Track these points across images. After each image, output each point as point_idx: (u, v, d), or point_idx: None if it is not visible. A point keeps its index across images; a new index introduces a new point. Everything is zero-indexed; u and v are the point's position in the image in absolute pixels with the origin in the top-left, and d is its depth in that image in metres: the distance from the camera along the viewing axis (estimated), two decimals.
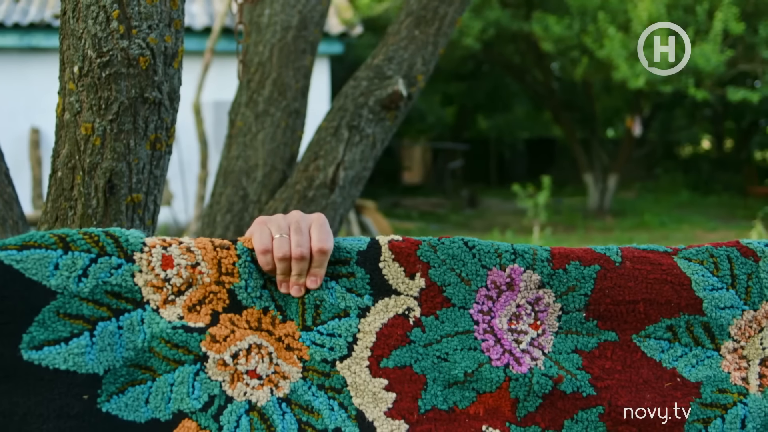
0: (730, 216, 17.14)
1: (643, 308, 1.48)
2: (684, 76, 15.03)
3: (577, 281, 1.48)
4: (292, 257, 1.40)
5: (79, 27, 1.79)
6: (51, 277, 1.34)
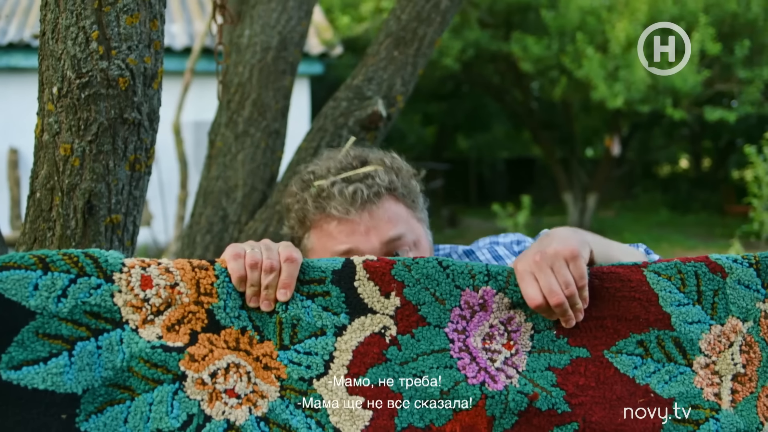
0: (708, 234, 17.24)
1: (610, 324, 1.49)
2: (661, 96, 15.16)
3: None
4: (262, 268, 1.43)
5: (59, 48, 1.79)
6: (30, 298, 1.34)
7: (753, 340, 1.52)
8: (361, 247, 1.69)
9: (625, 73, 14.89)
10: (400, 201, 1.77)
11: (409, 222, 1.77)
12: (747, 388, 1.50)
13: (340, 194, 1.71)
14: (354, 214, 1.70)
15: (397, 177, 1.77)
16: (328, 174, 1.76)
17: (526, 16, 17.55)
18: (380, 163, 1.78)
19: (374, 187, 1.72)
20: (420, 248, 1.76)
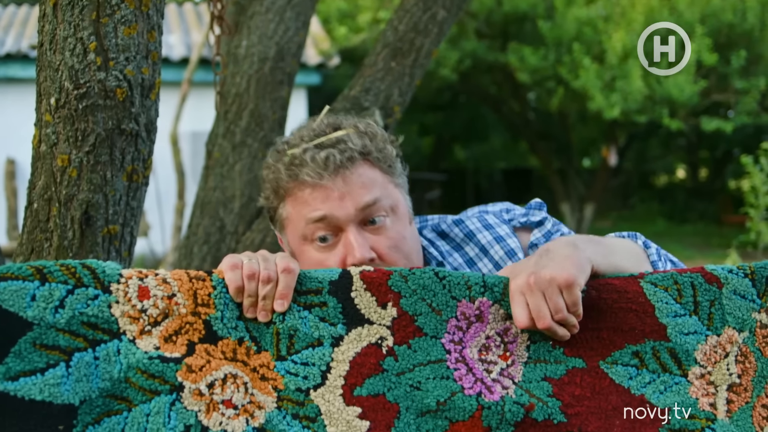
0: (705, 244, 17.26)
1: (606, 335, 1.50)
2: (658, 107, 15.19)
3: None
4: (259, 279, 1.43)
5: (56, 59, 1.80)
6: (28, 309, 1.34)
7: (748, 351, 1.52)
8: (335, 213, 1.66)
9: (622, 83, 14.92)
10: (375, 166, 1.72)
11: (386, 187, 1.73)
12: (742, 398, 1.51)
13: (312, 160, 1.66)
14: (327, 180, 1.66)
15: (371, 141, 1.73)
16: (301, 142, 1.71)
17: (522, 26, 17.59)
18: (353, 128, 1.73)
19: (347, 152, 1.68)
20: (397, 213, 1.73)
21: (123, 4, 1.79)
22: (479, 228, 1.84)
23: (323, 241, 1.68)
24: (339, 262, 1.65)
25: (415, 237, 1.78)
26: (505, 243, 1.80)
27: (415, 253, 1.75)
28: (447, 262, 1.83)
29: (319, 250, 1.68)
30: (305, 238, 1.70)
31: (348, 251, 1.65)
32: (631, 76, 14.74)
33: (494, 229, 1.83)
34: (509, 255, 1.79)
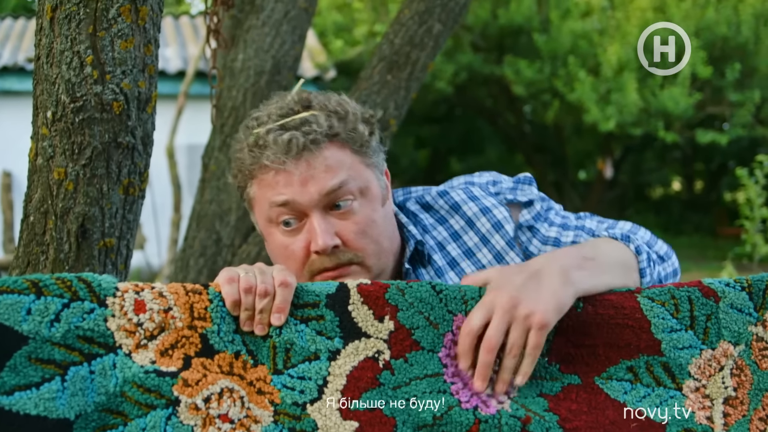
0: (701, 257, 17.27)
1: (602, 351, 1.50)
2: (653, 119, 15.23)
3: None
4: (256, 292, 1.43)
5: (53, 72, 1.80)
6: (23, 322, 1.34)
7: (744, 364, 1.52)
8: (298, 199, 1.60)
9: (617, 96, 14.97)
10: (344, 146, 1.65)
11: (355, 168, 1.65)
12: (739, 411, 1.50)
13: (274, 143, 1.61)
14: (290, 164, 1.60)
15: (339, 121, 1.65)
16: (268, 120, 1.66)
17: (518, 39, 17.65)
18: (322, 107, 1.65)
19: (311, 134, 1.60)
20: (367, 196, 1.66)
21: (120, 18, 1.79)
22: (465, 199, 1.78)
23: (287, 225, 1.64)
24: (303, 248, 1.62)
25: (389, 218, 1.72)
26: (491, 215, 1.76)
27: (387, 236, 1.69)
28: (431, 235, 1.78)
29: (284, 234, 1.65)
30: (270, 221, 1.66)
31: (312, 237, 1.61)
32: (627, 89, 14.79)
33: (480, 200, 1.78)
34: (496, 228, 1.75)
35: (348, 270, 1.63)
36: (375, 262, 1.66)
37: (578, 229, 1.76)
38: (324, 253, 1.61)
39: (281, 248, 1.65)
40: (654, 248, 1.70)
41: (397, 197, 1.84)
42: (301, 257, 1.63)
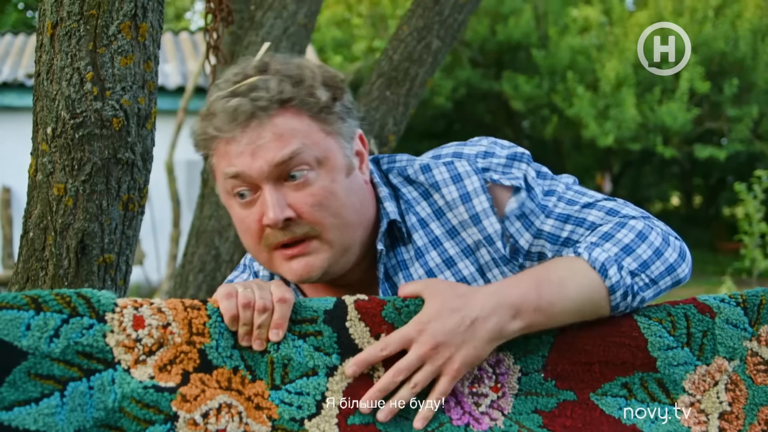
0: (700, 272, 17.25)
1: (598, 369, 1.50)
2: (651, 134, 15.27)
3: (535, 345, 1.50)
4: (255, 308, 1.42)
5: (53, 88, 1.81)
6: (22, 338, 1.34)
7: (739, 378, 1.53)
8: (247, 171, 1.50)
9: (616, 111, 15.02)
10: (300, 113, 1.52)
11: (311, 136, 1.52)
12: (734, 426, 1.51)
13: (222, 111, 1.50)
14: (237, 133, 1.49)
15: (294, 85, 1.52)
16: (225, 85, 1.54)
17: (516, 55, 17.73)
18: (276, 71, 1.53)
19: (259, 101, 1.48)
20: (326, 166, 1.53)
21: (120, 35, 1.80)
22: (446, 180, 1.63)
23: (242, 197, 1.53)
24: (256, 221, 1.52)
25: (355, 189, 1.58)
26: (470, 204, 1.61)
27: (351, 208, 1.55)
28: (412, 212, 1.64)
29: (240, 207, 1.55)
30: (227, 193, 1.57)
31: (264, 211, 1.51)
32: (625, 105, 14.83)
33: (462, 182, 1.62)
34: (473, 221, 1.60)
35: (309, 246, 1.52)
36: (336, 237, 1.53)
37: (578, 224, 1.59)
38: (275, 226, 1.50)
39: (238, 222, 1.56)
40: (650, 268, 1.53)
41: (382, 164, 1.72)
42: (255, 231, 1.54)
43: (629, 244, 1.52)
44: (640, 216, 1.60)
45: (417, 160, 1.68)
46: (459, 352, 1.42)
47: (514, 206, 1.60)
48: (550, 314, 1.47)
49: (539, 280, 1.48)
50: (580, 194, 1.63)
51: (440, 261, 1.61)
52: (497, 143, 1.67)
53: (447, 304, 1.45)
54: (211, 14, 3.54)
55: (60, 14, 1.79)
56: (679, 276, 1.56)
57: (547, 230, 1.60)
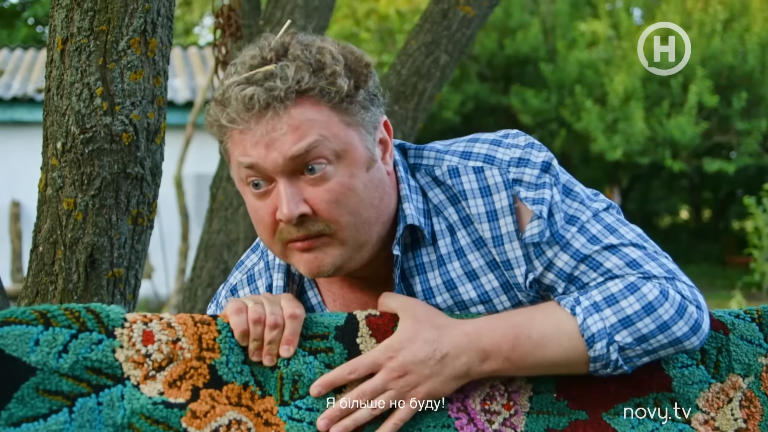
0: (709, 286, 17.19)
1: (613, 389, 1.48)
2: (660, 148, 15.25)
3: None
4: (266, 323, 1.42)
5: (63, 104, 1.81)
6: (31, 353, 1.34)
7: (753, 395, 1.52)
8: (261, 163, 1.42)
9: (624, 125, 15.01)
10: (319, 103, 1.43)
11: (331, 128, 1.43)
12: None
13: (236, 99, 1.41)
14: (252, 123, 1.41)
15: (314, 74, 1.42)
16: (239, 69, 1.45)
17: (524, 69, 17.74)
18: (296, 57, 1.43)
19: (275, 90, 1.39)
20: (345, 159, 1.44)
21: (129, 50, 1.81)
22: (474, 191, 1.52)
23: (257, 187, 1.45)
24: (270, 214, 1.45)
25: (375, 183, 1.48)
26: (495, 224, 1.51)
27: (370, 204, 1.47)
28: (442, 216, 1.55)
29: (254, 196, 1.47)
30: (242, 180, 1.49)
31: (278, 205, 1.43)
32: (633, 118, 14.83)
33: (491, 197, 1.51)
34: (495, 242, 1.51)
35: (317, 242, 1.45)
36: (351, 235, 1.45)
37: (593, 267, 1.48)
38: (290, 222, 1.42)
39: (252, 211, 1.49)
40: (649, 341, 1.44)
41: (409, 156, 1.62)
42: (269, 224, 1.46)
43: (630, 316, 1.43)
44: (664, 275, 1.47)
45: (446, 159, 1.56)
46: (425, 383, 1.42)
47: (528, 234, 1.49)
48: (521, 366, 1.45)
49: (518, 333, 1.44)
50: (608, 230, 1.51)
51: (462, 273, 1.54)
52: (533, 146, 1.56)
53: (421, 334, 1.43)
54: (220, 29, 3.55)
55: (70, 30, 1.80)
56: (686, 347, 1.46)
57: (559, 265, 1.50)
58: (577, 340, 1.43)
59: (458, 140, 1.60)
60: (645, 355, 1.45)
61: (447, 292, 1.54)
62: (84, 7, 1.78)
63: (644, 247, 1.49)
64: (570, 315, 1.45)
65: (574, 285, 1.50)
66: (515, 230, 1.50)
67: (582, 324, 1.43)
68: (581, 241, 1.49)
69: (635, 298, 1.43)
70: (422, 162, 1.59)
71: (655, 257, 1.49)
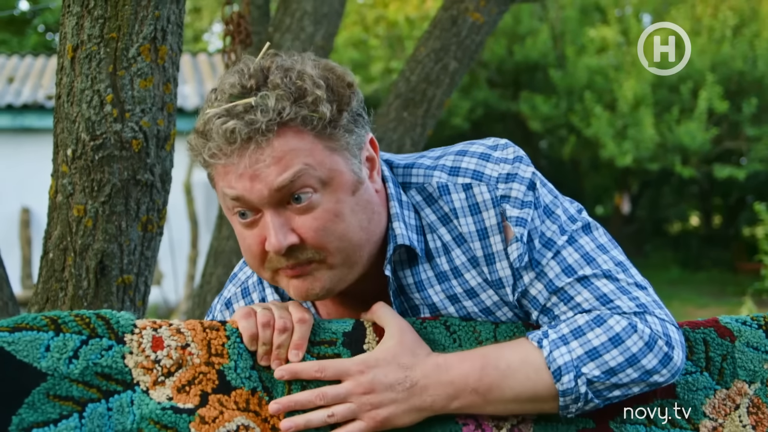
0: (720, 292, 17.15)
1: None
2: (670, 154, 15.22)
3: None
4: (275, 327, 1.42)
5: (74, 111, 1.82)
6: (42, 359, 1.35)
7: (761, 402, 1.51)
8: (247, 196, 1.41)
9: (634, 131, 14.98)
10: (302, 132, 1.41)
11: (315, 155, 1.41)
12: None
13: (216, 133, 1.39)
14: (235, 157, 1.39)
15: (295, 103, 1.40)
16: (219, 98, 1.43)
17: (534, 75, 17.74)
18: (276, 85, 1.40)
19: (256, 123, 1.37)
20: (332, 185, 1.43)
21: (139, 57, 1.82)
22: (464, 209, 1.52)
23: (243, 217, 1.44)
24: (258, 244, 1.44)
25: (363, 206, 1.48)
26: (486, 243, 1.50)
27: (358, 226, 1.46)
28: (437, 234, 1.53)
29: (241, 226, 1.46)
30: (228, 209, 1.47)
31: (266, 235, 1.43)
32: (643, 124, 14.80)
33: (480, 215, 1.50)
34: (487, 260, 1.51)
35: (308, 268, 1.45)
36: (341, 259, 1.45)
37: (564, 301, 1.47)
38: (278, 253, 1.42)
39: (240, 239, 1.48)
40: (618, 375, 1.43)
41: (397, 173, 1.59)
42: (258, 253, 1.46)
43: (597, 348, 1.42)
44: (633, 309, 1.45)
45: (434, 176, 1.55)
46: (386, 407, 1.41)
47: (513, 256, 1.49)
48: (488, 399, 1.43)
49: (485, 363, 1.44)
50: (585, 260, 1.49)
51: (462, 291, 1.54)
52: (522, 160, 1.55)
53: (399, 358, 1.43)
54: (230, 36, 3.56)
55: (81, 37, 1.81)
56: (658, 381, 1.44)
57: (533, 294, 1.49)
58: (543, 372, 1.42)
59: (447, 152, 1.59)
60: (615, 389, 1.43)
61: (452, 306, 1.54)
62: (94, 14, 1.79)
63: (617, 279, 1.48)
64: (537, 348, 1.44)
65: (546, 316, 1.50)
66: (504, 249, 1.49)
67: (548, 357, 1.43)
68: (556, 271, 1.48)
69: (602, 330, 1.43)
70: (411, 180, 1.58)
71: (627, 291, 1.47)
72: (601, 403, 1.44)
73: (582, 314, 1.46)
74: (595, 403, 1.43)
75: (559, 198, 1.56)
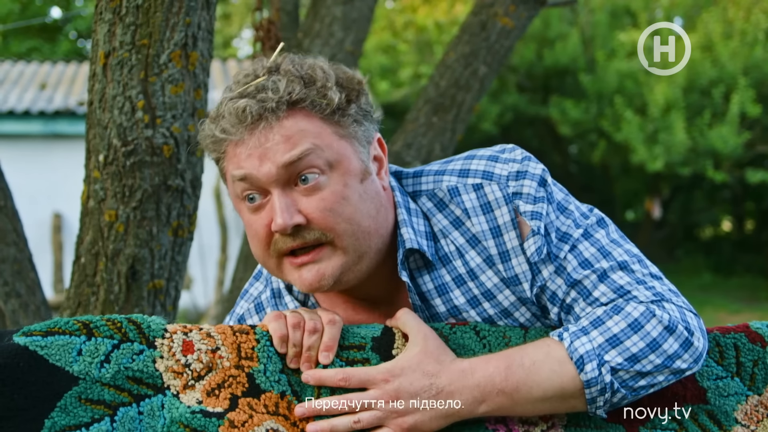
0: (752, 298, 16.96)
1: (647, 401, 1.47)
2: (702, 159, 15.09)
3: None
4: (305, 328, 1.43)
5: (105, 117, 1.84)
6: (74, 363, 1.36)
7: None
8: (255, 174, 1.43)
9: (665, 135, 14.86)
10: (311, 115, 1.45)
11: (323, 138, 1.45)
12: None
13: (229, 113, 1.44)
14: (245, 134, 1.43)
15: (305, 86, 1.44)
16: (236, 87, 1.47)
17: (564, 80, 17.66)
18: (287, 72, 1.46)
19: (267, 102, 1.42)
20: (339, 169, 1.46)
21: (170, 64, 1.83)
22: (475, 209, 1.53)
23: (252, 201, 1.47)
24: (265, 226, 1.46)
25: (371, 196, 1.50)
26: (500, 240, 1.52)
27: (366, 214, 1.48)
28: (449, 239, 1.54)
29: (250, 211, 1.49)
30: (237, 197, 1.50)
31: (273, 216, 1.45)
32: (674, 129, 14.68)
33: (492, 213, 1.51)
34: (503, 258, 1.52)
35: (320, 253, 1.46)
36: (350, 243, 1.46)
37: (583, 295, 1.49)
38: (284, 232, 1.44)
39: (248, 227, 1.50)
40: (641, 362, 1.42)
41: (406, 184, 1.62)
42: (264, 236, 1.47)
43: (617, 335, 1.42)
44: (651, 299, 1.46)
45: (444, 180, 1.57)
46: (412, 415, 1.41)
47: (531, 250, 1.50)
48: (516, 399, 1.43)
49: (510, 362, 1.44)
50: (601, 253, 1.50)
51: (479, 293, 1.55)
52: (530, 159, 1.57)
53: (424, 365, 1.43)
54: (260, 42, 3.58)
55: (113, 44, 1.83)
56: (681, 367, 1.43)
57: (552, 289, 1.51)
58: (567, 363, 1.42)
59: (455, 158, 1.61)
60: (640, 378, 1.42)
61: (473, 309, 1.54)
62: (126, 21, 1.81)
63: (633, 270, 1.49)
64: (558, 341, 1.45)
65: (567, 314, 1.51)
66: (519, 245, 1.51)
67: (569, 347, 1.43)
68: (573, 264, 1.50)
69: (620, 317, 1.43)
70: (421, 188, 1.59)
71: (643, 281, 1.48)
72: (628, 394, 1.43)
73: (601, 306, 1.47)
74: (623, 394, 1.42)
75: (569, 196, 1.58)
